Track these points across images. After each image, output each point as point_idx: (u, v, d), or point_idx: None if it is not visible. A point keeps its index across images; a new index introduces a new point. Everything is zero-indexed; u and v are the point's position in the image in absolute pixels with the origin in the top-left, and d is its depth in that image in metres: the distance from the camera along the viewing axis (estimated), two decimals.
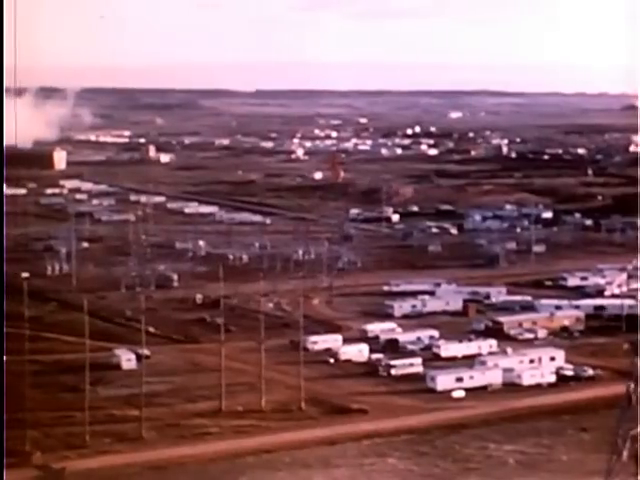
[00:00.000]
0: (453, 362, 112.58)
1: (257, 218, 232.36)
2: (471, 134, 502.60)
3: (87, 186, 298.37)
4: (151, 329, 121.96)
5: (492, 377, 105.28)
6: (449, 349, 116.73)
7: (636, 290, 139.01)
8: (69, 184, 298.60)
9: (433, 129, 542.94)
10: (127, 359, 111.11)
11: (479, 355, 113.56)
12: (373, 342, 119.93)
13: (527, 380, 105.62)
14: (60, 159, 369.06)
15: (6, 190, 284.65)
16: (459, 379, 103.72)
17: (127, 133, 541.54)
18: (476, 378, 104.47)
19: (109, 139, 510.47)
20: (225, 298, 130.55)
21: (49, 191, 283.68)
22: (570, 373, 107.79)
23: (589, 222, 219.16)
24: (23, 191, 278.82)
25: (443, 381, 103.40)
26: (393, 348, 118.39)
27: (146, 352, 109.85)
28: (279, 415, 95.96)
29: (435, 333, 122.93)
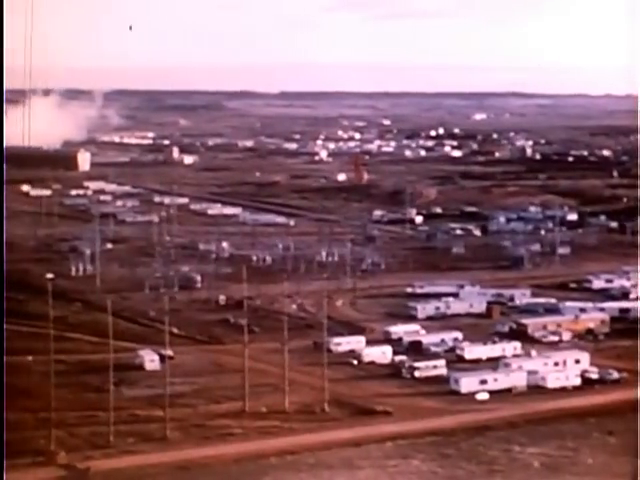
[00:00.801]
0: (477, 364, 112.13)
1: (281, 219, 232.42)
2: (495, 135, 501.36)
3: (111, 187, 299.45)
4: (175, 330, 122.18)
5: (516, 379, 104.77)
6: (473, 351, 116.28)
7: None
8: (93, 185, 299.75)
9: (457, 130, 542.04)
10: (151, 360, 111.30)
11: (503, 357, 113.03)
12: (396, 344, 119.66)
13: (552, 383, 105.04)
14: (84, 160, 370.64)
15: (31, 191, 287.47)
16: (483, 381, 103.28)
17: (151, 134, 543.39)
18: (500, 380, 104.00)
19: (133, 140, 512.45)
20: (248, 299, 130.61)
21: (73, 192, 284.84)
22: (595, 376, 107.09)
23: (614, 224, 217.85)
24: (48, 192, 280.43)
25: (467, 383, 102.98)
26: (417, 350, 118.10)
27: (170, 353, 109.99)
28: (303, 416, 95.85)
29: (459, 335, 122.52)
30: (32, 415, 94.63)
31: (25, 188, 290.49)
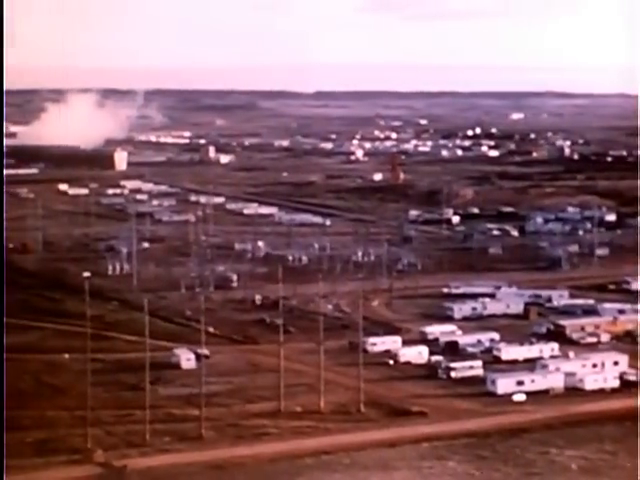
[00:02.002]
0: (514, 365, 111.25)
1: (317, 219, 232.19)
2: (533, 135, 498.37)
3: (148, 186, 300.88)
4: (210, 329, 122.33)
5: (554, 381, 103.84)
6: (510, 352, 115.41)
7: None
8: (130, 184, 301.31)
9: (494, 130, 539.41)
10: (187, 359, 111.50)
11: (540, 359, 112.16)
12: (433, 344, 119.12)
13: (590, 385, 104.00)
14: (121, 160, 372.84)
15: (69, 190, 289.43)
16: (520, 382, 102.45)
17: (187, 134, 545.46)
18: (537, 382, 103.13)
19: (169, 140, 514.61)
20: (284, 299, 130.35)
21: (110, 191, 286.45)
22: (634, 378, 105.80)
23: None
24: (85, 191, 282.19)
25: (504, 384, 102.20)
26: (453, 350, 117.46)
27: (205, 352, 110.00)
28: (338, 417, 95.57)
29: (496, 336, 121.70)
30: (69, 413, 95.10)
31: (63, 187, 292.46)
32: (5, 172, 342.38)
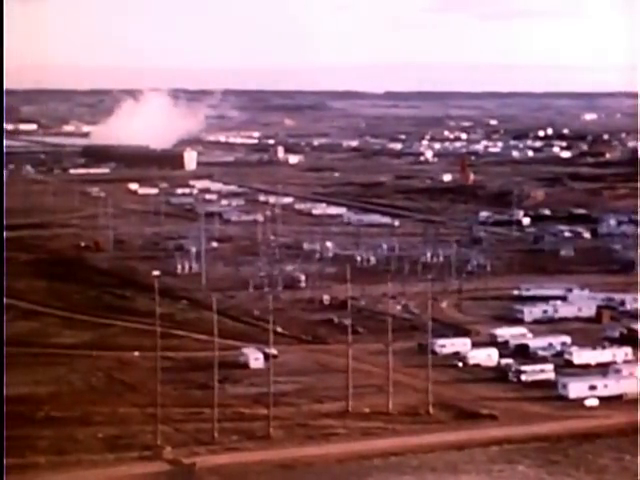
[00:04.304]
0: (586, 370, 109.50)
1: (385, 220, 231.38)
2: (606, 136, 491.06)
3: (217, 186, 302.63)
4: (279, 329, 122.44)
5: (627, 386, 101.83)
6: (582, 356, 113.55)
7: None
8: (199, 184, 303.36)
9: (566, 131, 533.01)
10: (255, 358, 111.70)
11: (613, 363, 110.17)
12: (503, 347, 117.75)
13: None
14: (190, 159, 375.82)
15: (139, 189, 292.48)
16: (592, 387, 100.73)
17: (256, 134, 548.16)
18: (610, 387, 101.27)
19: (239, 140, 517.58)
20: (352, 299, 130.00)
21: (180, 191, 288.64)
22: None
23: None
24: (155, 191, 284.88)
25: (576, 389, 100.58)
26: (523, 353, 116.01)
27: (274, 352, 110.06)
28: (406, 418, 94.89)
29: (567, 339, 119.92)
30: (139, 410, 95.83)
31: (133, 186, 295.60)
32: (77, 171, 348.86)
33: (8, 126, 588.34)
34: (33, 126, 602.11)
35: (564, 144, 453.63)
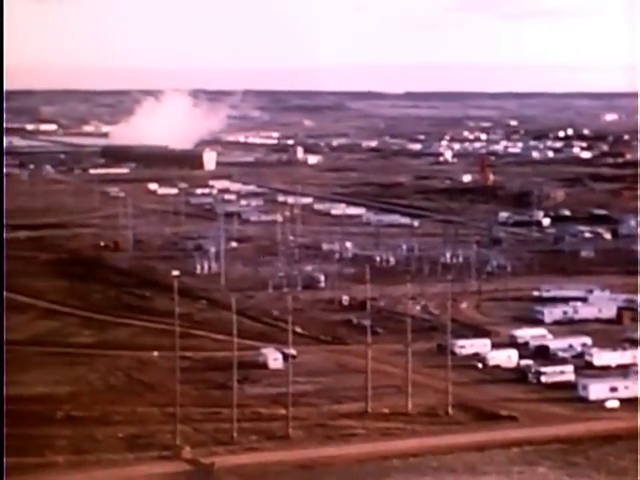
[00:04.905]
0: (606, 371, 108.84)
1: (405, 220, 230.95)
2: (626, 137, 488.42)
3: (236, 186, 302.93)
4: (298, 329, 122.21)
5: None
6: (602, 357, 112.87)
7: None
8: (219, 184, 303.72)
9: (586, 131, 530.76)
10: (274, 358, 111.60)
11: (634, 365, 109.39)
12: (522, 348, 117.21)
13: None
14: (210, 160, 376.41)
15: (159, 189, 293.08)
16: (613, 389, 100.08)
17: (276, 135, 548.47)
18: (631, 388, 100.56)
19: (258, 140, 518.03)
20: (372, 300, 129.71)
21: (199, 191, 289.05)
22: None
23: None
24: (174, 191, 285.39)
25: (596, 390, 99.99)
26: (543, 355, 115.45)
27: (293, 352, 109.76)
28: (426, 419, 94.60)
29: (587, 340, 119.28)
30: (159, 410, 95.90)
31: (152, 187, 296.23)
32: (97, 171, 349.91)
33: (28, 126, 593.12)
34: (53, 126, 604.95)
35: (584, 144, 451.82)
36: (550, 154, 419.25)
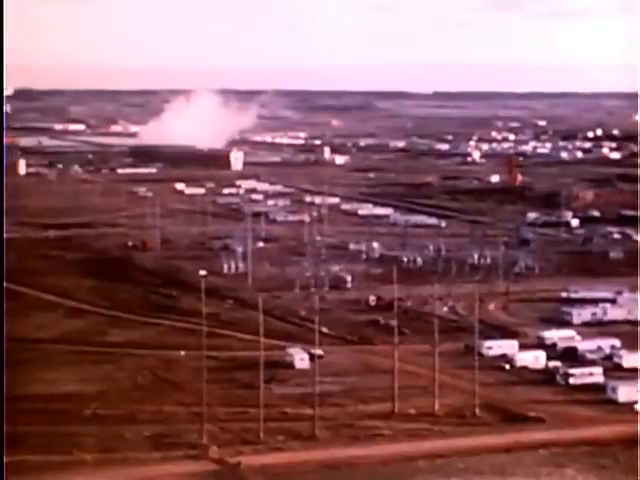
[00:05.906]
0: (635, 373, 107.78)
1: (432, 221, 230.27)
2: None
3: (263, 186, 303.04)
4: (324, 329, 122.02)
5: None
6: (631, 359, 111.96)
7: None
8: (246, 184, 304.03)
9: (616, 132, 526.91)
10: (300, 358, 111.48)
11: None
12: (550, 349, 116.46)
13: None
14: (237, 160, 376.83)
15: (186, 189, 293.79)
16: None
17: (303, 134, 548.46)
18: None
19: (285, 140, 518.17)
20: (399, 300, 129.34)
21: (226, 191, 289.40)
22: None
23: None
24: (202, 190, 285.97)
25: (625, 392, 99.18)
26: (572, 356, 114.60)
27: (319, 352, 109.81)
28: (453, 420, 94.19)
29: (617, 342, 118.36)
30: (185, 409, 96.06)
31: (180, 186, 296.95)
32: (124, 171, 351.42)
33: (57, 126, 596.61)
34: (81, 126, 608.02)
35: (614, 145, 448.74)
36: (579, 154, 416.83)
